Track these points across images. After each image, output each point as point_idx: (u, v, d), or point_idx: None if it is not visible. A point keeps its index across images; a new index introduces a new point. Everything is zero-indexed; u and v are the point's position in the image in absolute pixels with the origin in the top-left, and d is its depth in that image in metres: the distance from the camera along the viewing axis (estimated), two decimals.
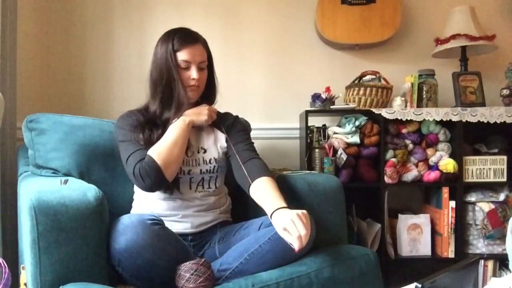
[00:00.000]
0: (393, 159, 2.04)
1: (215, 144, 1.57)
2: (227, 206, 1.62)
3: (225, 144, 1.58)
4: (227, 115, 1.66)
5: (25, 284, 1.19)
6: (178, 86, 1.48)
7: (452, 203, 2.02)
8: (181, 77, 1.48)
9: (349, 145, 2.05)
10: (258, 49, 2.34)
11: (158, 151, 1.37)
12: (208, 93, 1.59)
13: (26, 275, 1.18)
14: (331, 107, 2.07)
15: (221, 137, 1.59)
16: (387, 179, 2.02)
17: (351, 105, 2.08)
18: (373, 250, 1.72)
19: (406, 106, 2.10)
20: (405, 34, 2.35)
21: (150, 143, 1.42)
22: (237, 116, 1.68)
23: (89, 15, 2.27)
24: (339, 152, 2.01)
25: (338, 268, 1.33)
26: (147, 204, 1.50)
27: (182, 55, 1.47)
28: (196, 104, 1.58)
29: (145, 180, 1.35)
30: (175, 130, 1.43)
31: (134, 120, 1.49)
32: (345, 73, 2.30)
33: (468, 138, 2.10)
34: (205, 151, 1.54)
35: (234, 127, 1.60)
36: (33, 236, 1.12)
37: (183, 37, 1.49)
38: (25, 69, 2.09)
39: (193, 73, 1.48)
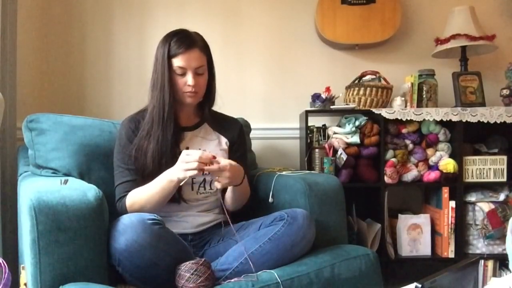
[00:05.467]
0: (393, 159, 2.04)
1: (218, 147, 1.57)
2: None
3: (226, 147, 1.58)
4: (231, 122, 1.66)
5: (25, 284, 1.19)
6: (173, 92, 1.47)
7: (452, 203, 2.02)
8: (177, 83, 1.47)
9: (349, 145, 2.05)
10: (258, 49, 2.34)
11: (133, 202, 1.40)
12: (207, 96, 1.57)
13: (26, 275, 1.18)
14: (331, 107, 2.07)
15: (223, 141, 1.59)
16: (387, 179, 2.02)
17: (351, 105, 2.08)
18: (373, 250, 1.72)
19: (406, 106, 2.10)
20: (405, 34, 2.35)
21: (136, 161, 1.45)
22: (241, 127, 1.67)
23: (89, 15, 2.26)
24: (339, 152, 2.01)
25: (338, 268, 1.33)
26: None
27: (178, 61, 1.45)
28: (197, 106, 1.58)
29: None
30: (156, 187, 1.38)
31: (130, 131, 1.49)
32: (345, 73, 2.30)
33: (468, 138, 2.09)
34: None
35: (237, 143, 1.61)
36: (33, 236, 1.12)
37: (179, 42, 1.46)
38: (25, 69, 2.09)
39: (189, 79, 1.46)
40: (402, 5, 2.26)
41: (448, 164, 2.02)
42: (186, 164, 1.32)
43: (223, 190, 1.54)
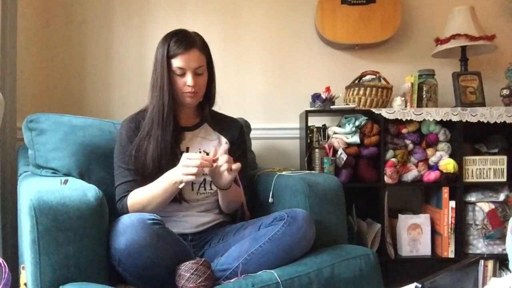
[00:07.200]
0: (393, 159, 2.04)
1: (218, 147, 1.57)
2: None
3: (226, 147, 1.58)
4: (231, 122, 1.66)
5: (25, 284, 1.19)
6: (172, 92, 1.47)
7: (452, 203, 2.02)
8: (177, 83, 1.47)
9: (349, 145, 2.05)
10: (258, 49, 2.34)
11: (135, 202, 1.40)
12: (207, 96, 1.57)
13: (26, 275, 1.18)
14: (331, 107, 2.07)
15: (223, 141, 1.59)
16: (387, 179, 2.02)
17: (351, 105, 2.08)
18: (373, 250, 1.72)
19: (406, 106, 2.10)
20: (405, 34, 2.35)
21: (136, 162, 1.45)
22: (241, 127, 1.67)
23: (89, 15, 2.26)
24: (339, 152, 2.01)
25: (338, 268, 1.33)
26: None
27: (177, 62, 1.45)
28: (197, 106, 1.58)
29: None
30: (158, 188, 1.38)
31: (131, 131, 1.49)
32: (345, 73, 2.30)
33: (468, 138, 2.09)
34: (207, 154, 1.53)
35: (237, 144, 1.61)
36: (33, 236, 1.12)
37: (178, 42, 1.45)
38: (25, 69, 2.09)
39: (189, 79, 1.46)
40: (402, 5, 2.26)
41: (448, 164, 2.02)
42: (186, 168, 1.32)
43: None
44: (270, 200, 1.62)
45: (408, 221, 2.07)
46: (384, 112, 2.02)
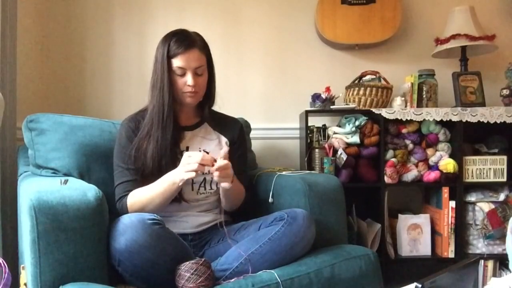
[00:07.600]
0: (393, 159, 2.04)
1: (218, 147, 1.57)
2: None
3: (226, 147, 1.58)
4: (231, 122, 1.66)
5: (25, 284, 1.19)
6: (172, 92, 1.47)
7: (452, 203, 2.02)
8: (177, 83, 1.47)
9: (349, 145, 2.05)
10: (258, 49, 2.34)
11: (135, 202, 1.40)
12: (207, 96, 1.57)
13: (26, 275, 1.18)
14: (331, 107, 2.07)
15: (223, 140, 1.59)
16: (387, 179, 2.02)
17: (351, 105, 2.08)
18: (373, 250, 1.72)
19: (406, 106, 2.10)
20: (405, 34, 2.35)
21: (136, 161, 1.45)
22: (241, 127, 1.67)
23: (90, 14, 2.27)
24: (339, 152, 2.01)
25: (338, 268, 1.33)
26: None
27: (177, 62, 1.45)
28: (197, 106, 1.58)
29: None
30: (158, 189, 1.39)
31: (130, 131, 1.49)
32: (345, 73, 2.30)
33: (468, 138, 2.09)
34: (207, 154, 1.53)
35: (237, 143, 1.61)
36: (33, 236, 1.12)
37: (178, 42, 1.45)
38: (25, 69, 2.09)
39: (189, 79, 1.46)
40: (402, 5, 2.26)
41: (448, 164, 2.02)
42: (187, 165, 1.32)
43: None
44: (270, 200, 1.62)
45: (408, 221, 2.07)
46: (384, 112, 2.02)
